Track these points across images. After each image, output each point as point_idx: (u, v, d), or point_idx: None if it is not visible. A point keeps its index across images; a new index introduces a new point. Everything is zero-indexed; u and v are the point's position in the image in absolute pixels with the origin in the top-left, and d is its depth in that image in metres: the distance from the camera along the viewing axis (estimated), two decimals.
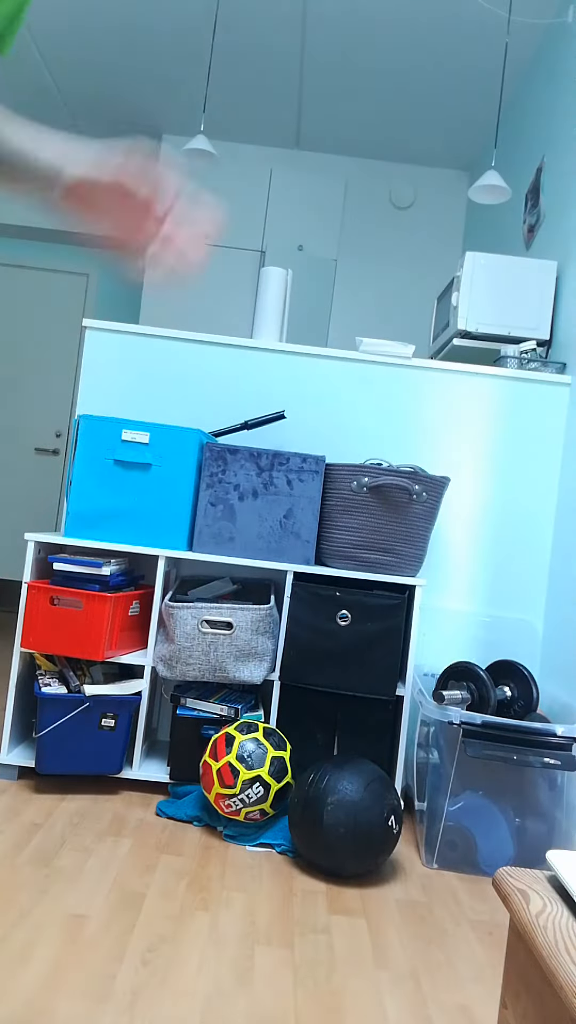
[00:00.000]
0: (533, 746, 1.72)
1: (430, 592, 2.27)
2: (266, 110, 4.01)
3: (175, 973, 1.24)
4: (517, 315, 2.53)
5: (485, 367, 2.33)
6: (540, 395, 2.31)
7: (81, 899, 1.43)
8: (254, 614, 1.89)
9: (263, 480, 1.98)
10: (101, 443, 1.97)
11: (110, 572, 1.92)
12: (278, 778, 1.74)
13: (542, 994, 0.82)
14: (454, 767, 1.77)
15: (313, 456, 1.98)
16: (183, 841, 1.73)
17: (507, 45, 3.05)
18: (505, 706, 1.97)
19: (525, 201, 3.08)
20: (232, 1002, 1.19)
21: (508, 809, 1.81)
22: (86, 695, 1.89)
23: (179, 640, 1.88)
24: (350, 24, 3.26)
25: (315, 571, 1.97)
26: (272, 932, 1.40)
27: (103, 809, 1.85)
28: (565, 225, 2.58)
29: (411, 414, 2.32)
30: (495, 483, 2.31)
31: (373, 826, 1.59)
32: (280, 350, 2.31)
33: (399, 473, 1.94)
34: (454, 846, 1.78)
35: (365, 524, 1.95)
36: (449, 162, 4.31)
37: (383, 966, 1.34)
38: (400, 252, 4.34)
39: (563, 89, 2.80)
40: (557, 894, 0.88)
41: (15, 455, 4.73)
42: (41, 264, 4.83)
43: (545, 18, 2.99)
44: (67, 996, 1.15)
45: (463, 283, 2.59)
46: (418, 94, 3.70)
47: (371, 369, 2.32)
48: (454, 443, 2.32)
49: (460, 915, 1.56)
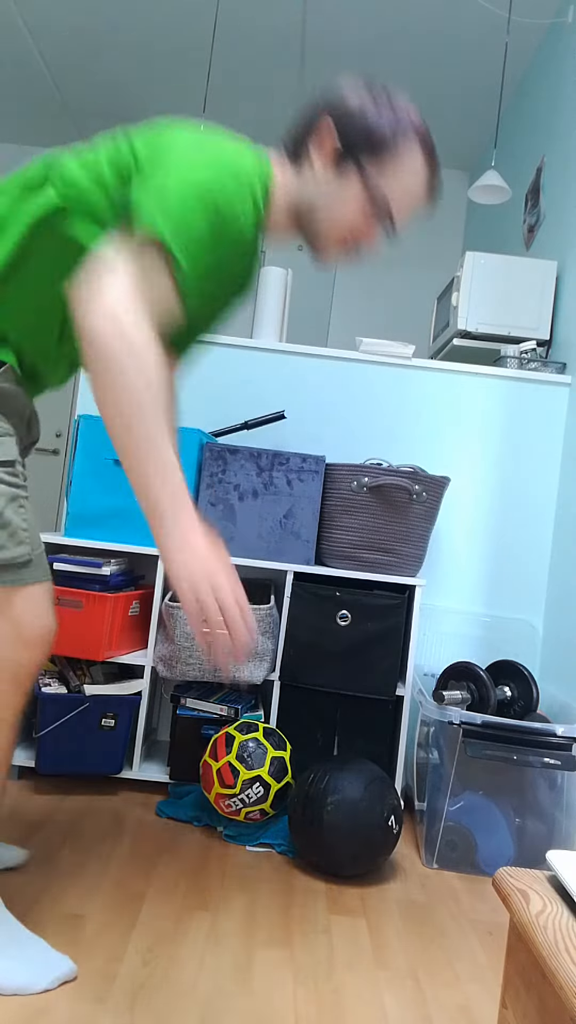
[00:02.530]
0: (533, 746, 1.72)
1: (430, 592, 2.27)
2: (266, 110, 4.01)
3: (175, 973, 1.24)
4: (517, 315, 2.53)
5: (485, 367, 2.33)
6: (540, 395, 2.31)
7: (81, 899, 1.43)
8: (254, 614, 1.89)
9: (263, 480, 1.98)
10: (101, 443, 1.97)
11: (110, 572, 1.92)
12: (278, 778, 1.74)
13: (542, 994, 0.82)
14: (454, 767, 1.77)
15: (313, 456, 1.98)
16: (183, 841, 1.73)
17: (507, 45, 3.05)
18: (505, 706, 1.97)
19: (525, 201, 3.08)
20: (232, 1002, 1.19)
21: (508, 809, 1.81)
22: (86, 695, 1.89)
23: (179, 640, 1.88)
24: (350, 24, 3.26)
25: (315, 571, 1.97)
26: (272, 932, 1.40)
27: (103, 809, 1.85)
28: (565, 225, 2.58)
29: (411, 414, 2.32)
30: (495, 483, 2.31)
31: (373, 826, 1.58)
32: (280, 350, 2.31)
33: (399, 473, 1.94)
34: (454, 846, 1.77)
35: (365, 524, 1.95)
36: (449, 162, 4.31)
37: (383, 966, 1.34)
38: (400, 252, 4.34)
39: (563, 89, 2.80)
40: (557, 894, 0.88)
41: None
42: None
43: (545, 18, 2.99)
44: (67, 996, 1.15)
45: (463, 283, 2.59)
46: (418, 94, 3.70)
47: (371, 369, 2.32)
48: (454, 443, 2.32)
49: (460, 915, 1.56)
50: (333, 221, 1.16)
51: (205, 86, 3.74)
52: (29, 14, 3.42)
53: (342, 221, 1.16)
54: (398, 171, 1.13)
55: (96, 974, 1.21)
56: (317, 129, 1.15)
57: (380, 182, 1.13)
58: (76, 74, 3.87)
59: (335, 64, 3.53)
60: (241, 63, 3.62)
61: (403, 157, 1.12)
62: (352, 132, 1.12)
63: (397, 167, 1.13)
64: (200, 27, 3.36)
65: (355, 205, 1.14)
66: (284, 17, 3.26)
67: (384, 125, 1.11)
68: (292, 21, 3.28)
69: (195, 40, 3.47)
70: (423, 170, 1.14)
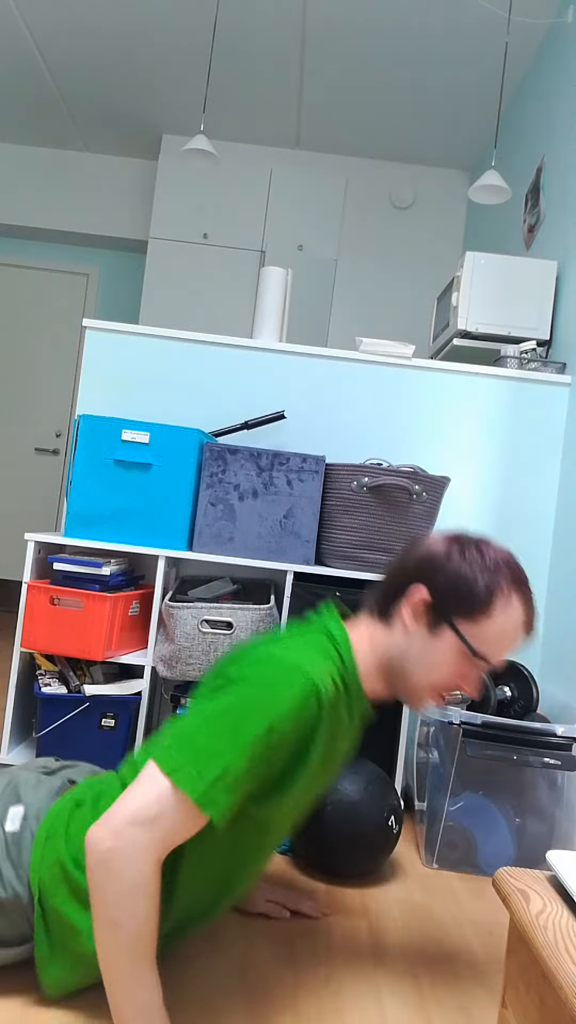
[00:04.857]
0: (533, 746, 1.72)
1: None
2: (266, 110, 4.01)
3: (175, 973, 1.24)
4: (517, 315, 2.53)
5: (485, 367, 2.33)
6: (540, 395, 2.31)
7: None
8: (254, 614, 1.89)
9: (263, 480, 1.98)
10: (101, 443, 1.97)
11: (110, 572, 1.92)
12: None
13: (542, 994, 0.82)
14: (454, 767, 1.77)
15: (313, 456, 1.98)
16: None
17: (507, 45, 3.05)
18: (505, 706, 1.97)
19: (525, 201, 3.08)
20: (232, 1002, 1.19)
21: (508, 809, 1.80)
22: (86, 695, 1.89)
23: (179, 640, 1.88)
24: (350, 24, 3.26)
25: (315, 571, 1.97)
26: (272, 932, 1.40)
27: None
28: (565, 225, 2.58)
29: (411, 414, 2.32)
30: (495, 483, 2.31)
31: (373, 826, 1.58)
32: (280, 350, 2.31)
33: (399, 473, 1.94)
34: (454, 846, 1.77)
35: (365, 524, 1.95)
36: (449, 162, 4.31)
37: (383, 966, 1.34)
38: (400, 252, 4.34)
39: (563, 89, 2.80)
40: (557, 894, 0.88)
41: (15, 455, 4.73)
42: (41, 264, 4.83)
43: (545, 18, 2.99)
44: (67, 996, 1.15)
45: (463, 283, 2.59)
46: (418, 94, 3.70)
47: (371, 369, 2.32)
48: (454, 443, 2.32)
49: (460, 915, 1.56)
50: (428, 678, 1.14)
51: (205, 86, 3.74)
52: (29, 14, 3.42)
53: (437, 677, 1.14)
54: (494, 623, 1.11)
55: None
56: (408, 592, 1.14)
57: (476, 635, 1.11)
58: (76, 74, 3.87)
59: (335, 64, 3.53)
60: (241, 63, 3.62)
61: (498, 608, 1.10)
62: (445, 593, 1.11)
63: (493, 620, 1.11)
64: (200, 27, 3.36)
65: (451, 661, 1.12)
66: (284, 17, 3.26)
67: (479, 584, 1.10)
68: (292, 21, 3.28)
69: (195, 40, 3.47)
70: (519, 614, 1.12)
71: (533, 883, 0.90)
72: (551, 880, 0.91)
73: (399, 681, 1.16)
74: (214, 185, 4.23)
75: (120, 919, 0.95)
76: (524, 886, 0.89)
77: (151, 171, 4.60)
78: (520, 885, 0.89)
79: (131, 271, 4.80)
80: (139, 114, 4.20)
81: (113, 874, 0.95)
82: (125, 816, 0.96)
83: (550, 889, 0.89)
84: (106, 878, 0.95)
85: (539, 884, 0.90)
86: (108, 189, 4.64)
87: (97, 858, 0.95)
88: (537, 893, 0.87)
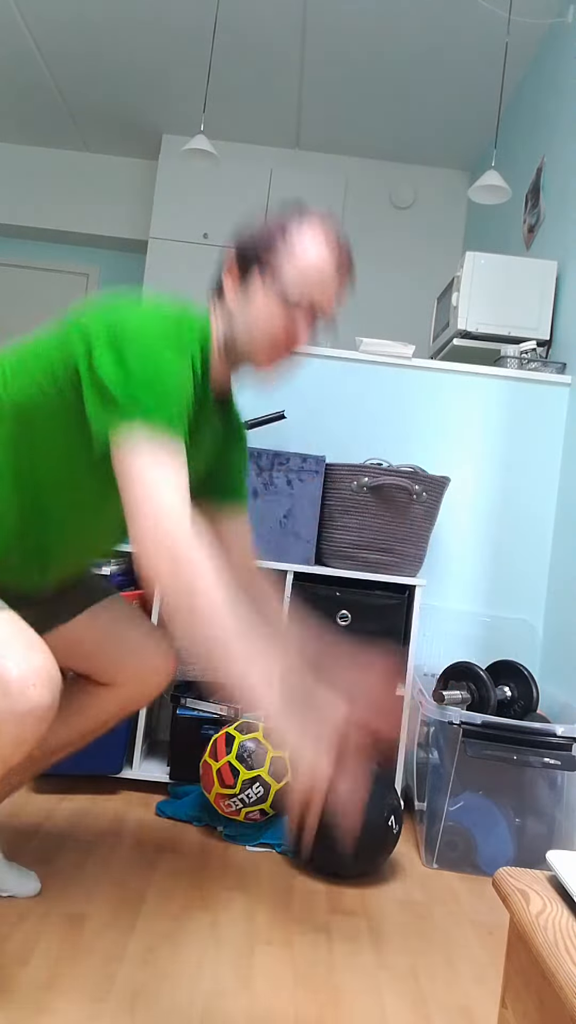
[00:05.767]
0: (533, 746, 1.72)
1: (430, 592, 2.27)
2: (266, 110, 4.01)
3: (175, 973, 1.24)
4: (517, 315, 2.53)
5: (485, 367, 2.33)
6: (540, 395, 2.31)
7: (81, 899, 1.43)
8: None
9: (263, 480, 1.98)
10: None
11: (110, 572, 1.91)
12: (278, 778, 1.74)
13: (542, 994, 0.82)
14: (454, 767, 1.77)
15: (313, 456, 1.98)
16: (183, 841, 1.73)
17: (507, 45, 3.05)
18: (505, 706, 1.96)
19: (525, 201, 3.08)
20: (232, 1002, 1.19)
21: (508, 809, 1.80)
22: None
23: (179, 640, 1.88)
24: (350, 24, 3.26)
25: (315, 571, 1.97)
26: (272, 932, 1.40)
27: (103, 809, 1.85)
28: (565, 225, 2.58)
29: (411, 414, 2.32)
30: (495, 483, 2.31)
31: (373, 826, 1.58)
32: None
33: (399, 473, 1.94)
34: (454, 846, 1.77)
35: (365, 524, 1.95)
36: (449, 162, 4.31)
37: (383, 966, 1.34)
38: (400, 252, 4.34)
39: (563, 89, 2.81)
40: (557, 894, 0.88)
41: None
42: (41, 264, 4.83)
43: (545, 18, 2.99)
44: (67, 996, 1.15)
45: (463, 283, 2.59)
46: (418, 94, 3.70)
47: (371, 369, 2.31)
48: (454, 443, 2.32)
49: (460, 915, 1.56)
50: (252, 335, 1.19)
51: (205, 86, 3.74)
52: (30, 14, 3.42)
53: (263, 329, 1.18)
54: (292, 259, 1.16)
55: (96, 974, 1.21)
56: (225, 264, 1.22)
57: (279, 277, 1.16)
58: (76, 74, 3.87)
59: (335, 63, 3.53)
60: (241, 63, 3.62)
61: (293, 246, 1.16)
62: (244, 250, 1.19)
63: (290, 256, 1.16)
64: (200, 26, 3.36)
65: (270, 311, 1.17)
66: (285, 17, 3.26)
67: (270, 229, 1.18)
68: (293, 21, 3.28)
69: (195, 40, 3.46)
70: (316, 245, 1.16)
71: (533, 883, 0.90)
72: (551, 880, 0.91)
73: (235, 349, 1.21)
74: (214, 185, 4.23)
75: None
76: (524, 886, 0.89)
77: (151, 171, 4.59)
78: (520, 885, 0.89)
79: (131, 271, 4.80)
80: (139, 114, 4.20)
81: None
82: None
83: (550, 889, 0.89)
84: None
85: (539, 884, 0.90)
86: (108, 189, 4.64)
87: None
88: (537, 893, 0.87)
